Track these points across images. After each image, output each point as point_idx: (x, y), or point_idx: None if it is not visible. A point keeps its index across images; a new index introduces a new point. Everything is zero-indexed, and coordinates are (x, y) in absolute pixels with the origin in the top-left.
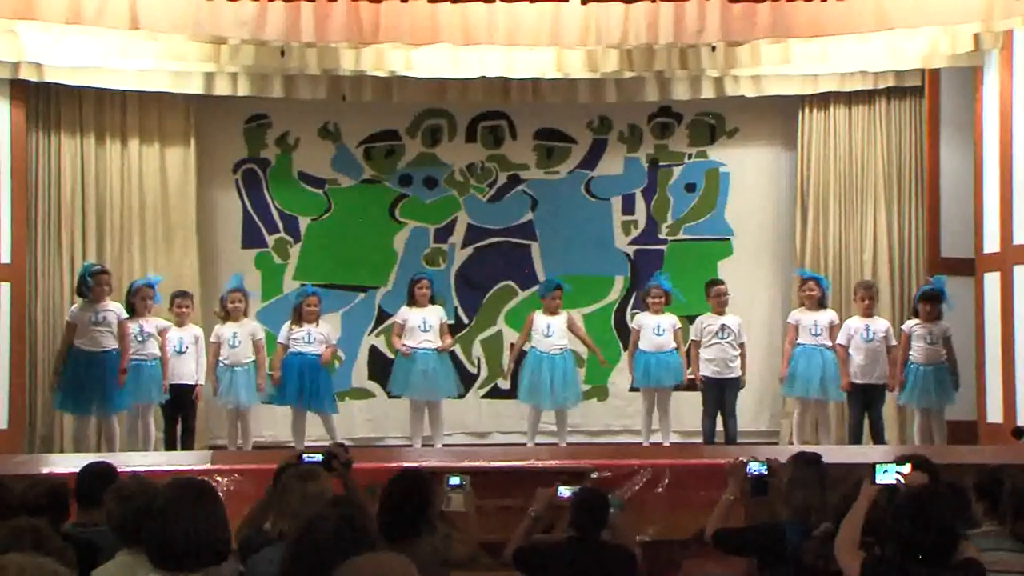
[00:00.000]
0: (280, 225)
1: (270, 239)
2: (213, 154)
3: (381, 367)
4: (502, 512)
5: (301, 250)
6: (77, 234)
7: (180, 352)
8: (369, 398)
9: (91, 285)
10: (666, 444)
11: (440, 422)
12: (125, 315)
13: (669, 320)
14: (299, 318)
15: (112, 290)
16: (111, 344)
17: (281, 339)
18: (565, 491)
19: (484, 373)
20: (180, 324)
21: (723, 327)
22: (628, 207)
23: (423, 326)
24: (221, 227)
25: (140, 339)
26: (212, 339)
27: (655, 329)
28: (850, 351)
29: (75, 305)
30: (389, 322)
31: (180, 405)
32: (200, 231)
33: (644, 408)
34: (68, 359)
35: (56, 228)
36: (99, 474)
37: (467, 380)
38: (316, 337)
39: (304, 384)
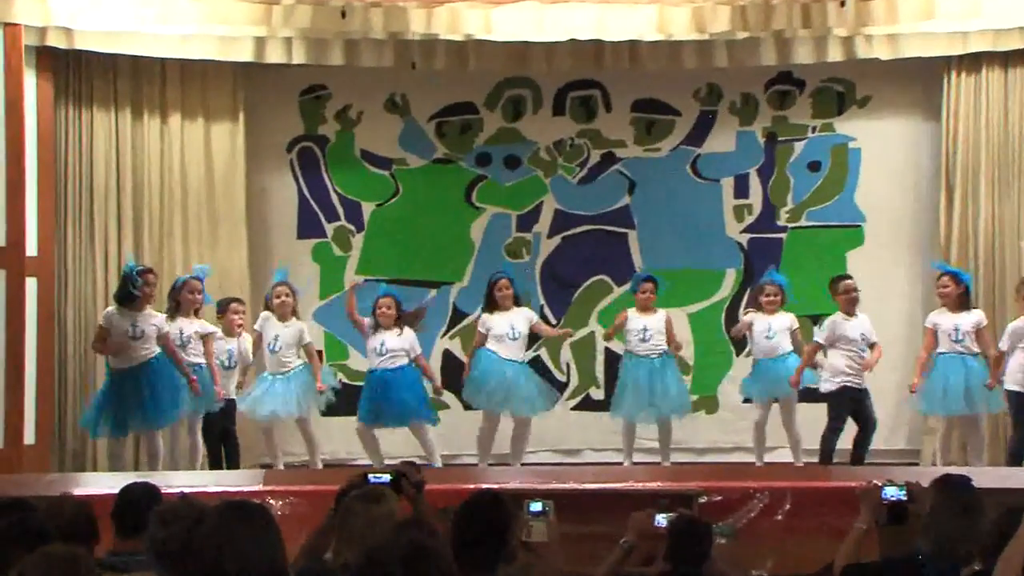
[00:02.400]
0: (340, 212)
1: (329, 228)
2: (264, 131)
3: (456, 375)
4: (591, 541)
5: (364, 240)
6: (112, 224)
7: (228, 367)
8: (442, 410)
9: (139, 286)
10: (799, 464)
11: (524, 439)
12: (166, 328)
13: (783, 321)
14: (374, 325)
15: (155, 293)
16: (148, 354)
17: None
18: (662, 518)
19: (574, 381)
20: (231, 334)
21: (857, 331)
22: (741, 189)
23: (512, 334)
24: (274, 215)
25: (179, 343)
26: (256, 327)
27: (766, 332)
28: (1010, 358)
29: (111, 308)
30: (465, 323)
31: (226, 422)
32: (250, 220)
33: (756, 422)
34: (106, 383)
35: (88, 217)
36: (142, 496)
37: (556, 388)
38: (391, 348)
39: (383, 404)
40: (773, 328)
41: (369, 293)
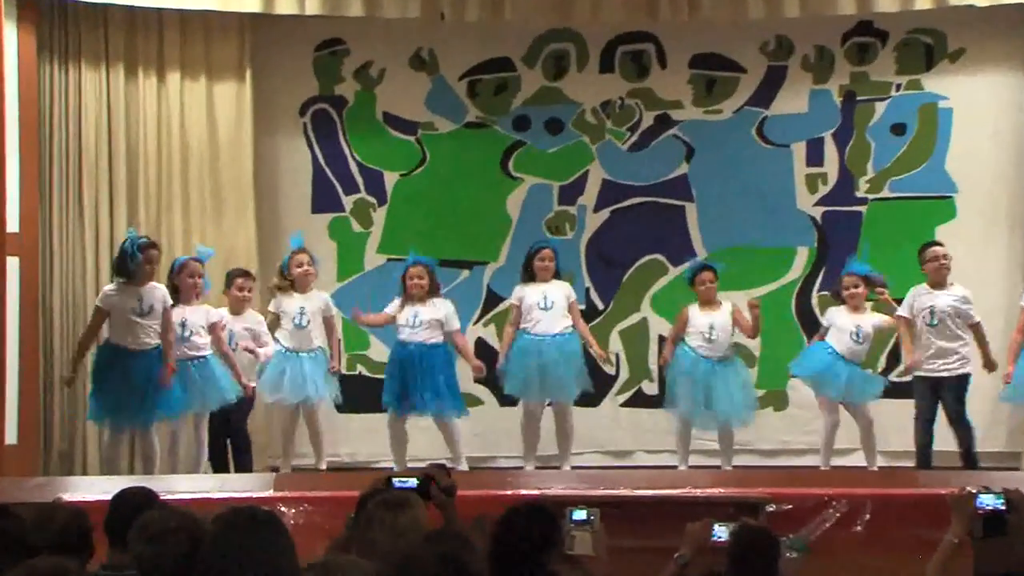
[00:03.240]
0: (360, 183)
1: (348, 201)
2: (274, 92)
3: (491, 366)
4: (642, 555)
5: (387, 215)
6: (103, 196)
7: (234, 349)
8: (476, 406)
9: (138, 262)
10: (872, 468)
11: (569, 436)
12: (170, 301)
13: (872, 320)
14: (404, 296)
15: (156, 271)
16: (155, 340)
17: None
18: (722, 529)
19: (624, 374)
20: (237, 311)
21: (942, 303)
22: (815, 156)
23: (543, 303)
24: (285, 186)
25: (183, 333)
26: (271, 308)
27: (853, 334)
28: None
29: (110, 287)
30: (501, 308)
31: (230, 416)
32: (258, 192)
33: (826, 423)
34: (100, 357)
35: (76, 188)
36: (137, 503)
37: (602, 384)
38: (424, 320)
39: (410, 384)
40: (863, 329)
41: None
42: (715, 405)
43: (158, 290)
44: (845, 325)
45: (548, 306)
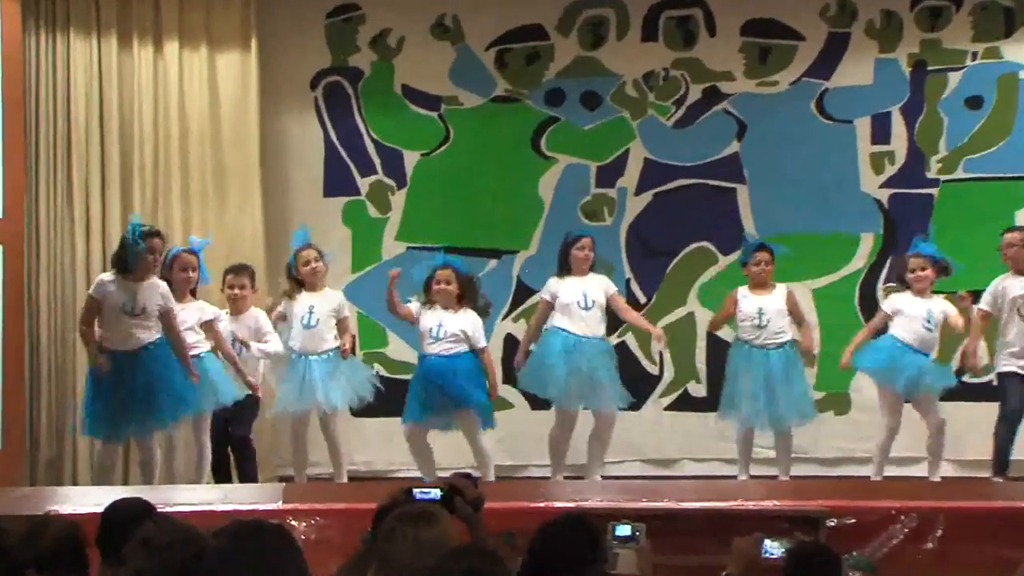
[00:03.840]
0: (377, 163)
1: (363, 183)
2: (283, 63)
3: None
4: (691, 573)
5: (407, 198)
6: (94, 179)
7: (240, 354)
8: (505, 410)
9: (140, 252)
10: (934, 479)
11: (605, 443)
12: (173, 304)
13: (941, 306)
14: (427, 302)
15: (159, 264)
16: (148, 337)
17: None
18: (774, 545)
19: (669, 374)
20: (237, 311)
21: None
22: (881, 132)
23: (584, 302)
24: (295, 168)
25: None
26: (281, 308)
27: (924, 320)
28: None
29: (106, 275)
30: (532, 301)
31: (230, 423)
32: (265, 174)
33: (886, 426)
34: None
35: (65, 171)
36: (132, 515)
37: (645, 384)
38: (450, 332)
39: (434, 400)
40: (933, 315)
41: (414, 267)
42: (774, 402)
43: (157, 289)
44: (914, 311)
45: (588, 305)
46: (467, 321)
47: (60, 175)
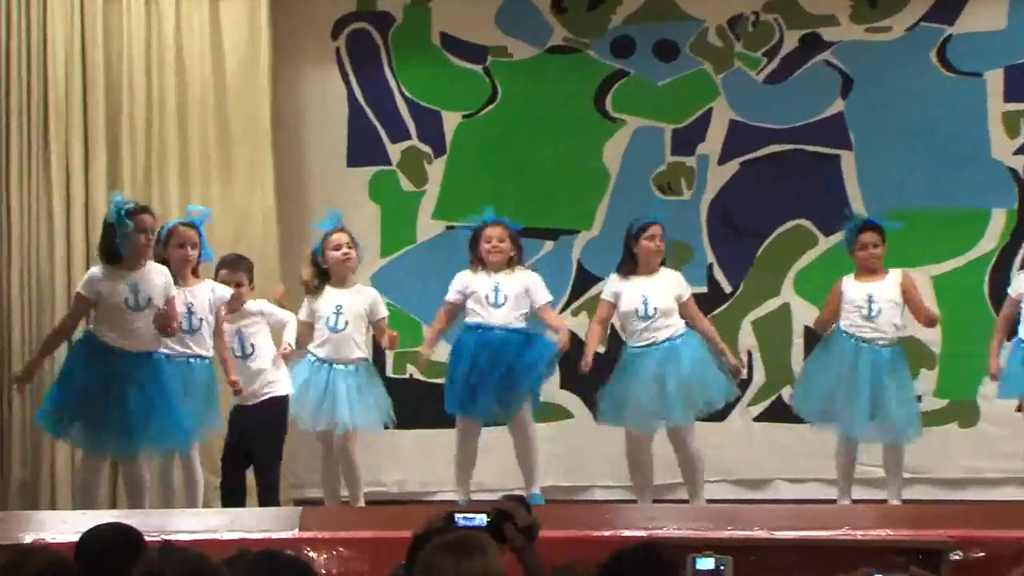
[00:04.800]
0: (411, 127)
1: (395, 151)
2: (298, 8)
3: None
4: None
5: (447, 169)
6: (76, 149)
7: (241, 356)
8: (562, 420)
9: (128, 232)
10: None
11: (696, 465)
12: (174, 288)
13: None
14: (478, 262)
15: (152, 245)
16: (159, 342)
17: (450, 295)
18: None
19: (759, 379)
20: (231, 311)
21: None
22: (1016, 88)
23: (644, 310)
24: (313, 132)
25: (189, 322)
26: (302, 316)
27: None
28: None
29: (96, 269)
30: (595, 290)
31: (246, 434)
32: (278, 140)
33: None
34: (79, 350)
35: (41, 139)
36: (114, 544)
37: None
38: (509, 294)
39: (483, 379)
40: None
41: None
42: (883, 412)
43: (159, 275)
44: None
45: (649, 314)
46: (527, 277)
47: (35, 147)
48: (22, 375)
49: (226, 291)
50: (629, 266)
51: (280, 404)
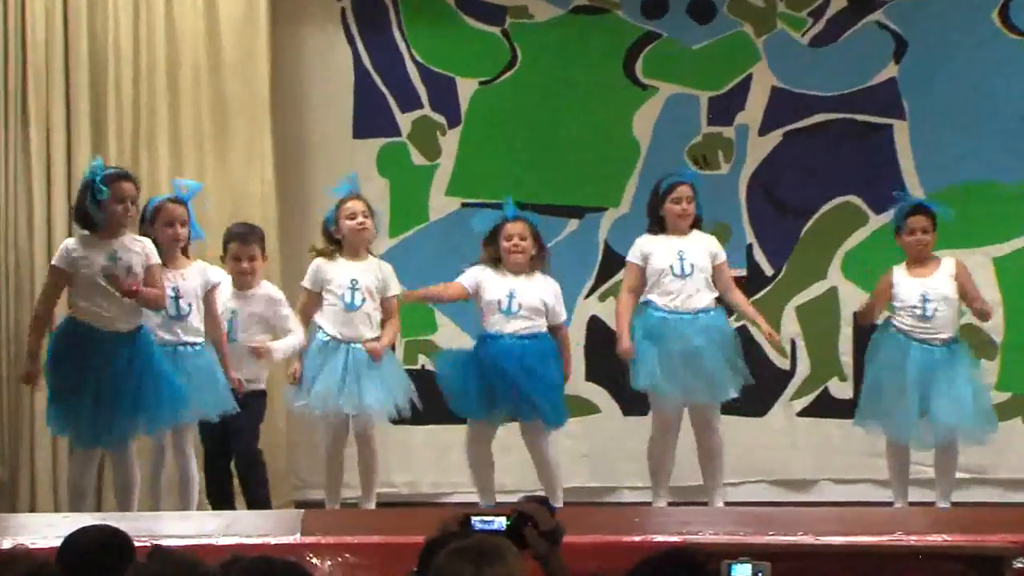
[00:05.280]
0: (423, 95)
1: (405, 120)
2: None
3: (609, 358)
4: None
5: (462, 140)
6: (57, 119)
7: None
8: (588, 415)
9: (104, 199)
10: None
11: (715, 456)
12: (157, 257)
13: None
14: (495, 258)
15: (137, 212)
16: (141, 317)
17: (466, 280)
18: None
19: (803, 370)
20: (244, 286)
21: None
22: None
23: (679, 267)
24: (316, 101)
25: (176, 307)
26: (305, 283)
27: None
28: None
29: (71, 240)
30: (622, 275)
31: (230, 430)
32: (278, 109)
33: None
34: (59, 340)
35: (18, 107)
36: (100, 547)
37: (772, 383)
38: (527, 303)
39: (498, 388)
40: None
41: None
42: (935, 411)
43: (138, 243)
44: None
45: (686, 272)
46: (547, 289)
47: (13, 116)
48: (29, 371)
49: (219, 274)
50: (656, 227)
51: (263, 397)
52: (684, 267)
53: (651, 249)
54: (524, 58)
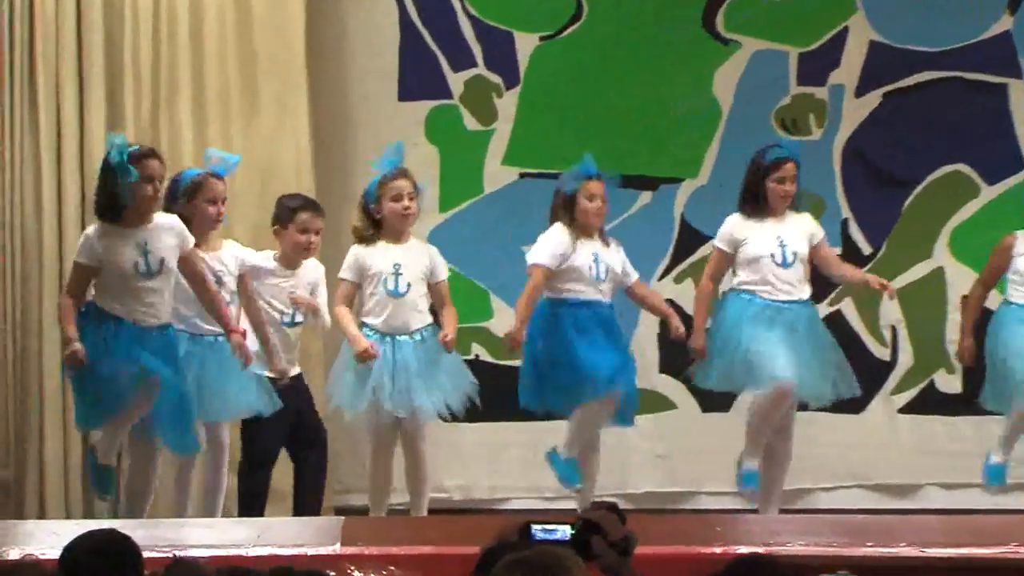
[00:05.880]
0: (477, 53)
1: (456, 81)
2: None
3: (681, 346)
4: None
5: (520, 103)
6: (68, 84)
7: (291, 324)
8: (662, 411)
9: (132, 181)
10: None
11: (788, 460)
12: (190, 238)
13: None
14: (573, 224)
15: (160, 196)
16: (168, 315)
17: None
18: None
19: (906, 361)
20: (292, 265)
21: None
22: None
23: (781, 256)
24: (357, 61)
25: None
26: (344, 274)
27: None
28: None
29: (93, 229)
30: (703, 252)
31: (301, 414)
32: (314, 69)
33: None
34: (81, 328)
35: (26, 73)
36: (95, 555)
37: (870, 375)
38: (611, 267)
39: (567, 369)
40: None
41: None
42: None
43: (169, 230)
44: None
45: (788, 261)
46: (620, 253)
47: (20, 80)
48: (71, 351)
49: (252, 254)
50: (751, 207)
51: (303, 378)
52: (786, 256)
53: (745, 234)
54: (591, 10)
